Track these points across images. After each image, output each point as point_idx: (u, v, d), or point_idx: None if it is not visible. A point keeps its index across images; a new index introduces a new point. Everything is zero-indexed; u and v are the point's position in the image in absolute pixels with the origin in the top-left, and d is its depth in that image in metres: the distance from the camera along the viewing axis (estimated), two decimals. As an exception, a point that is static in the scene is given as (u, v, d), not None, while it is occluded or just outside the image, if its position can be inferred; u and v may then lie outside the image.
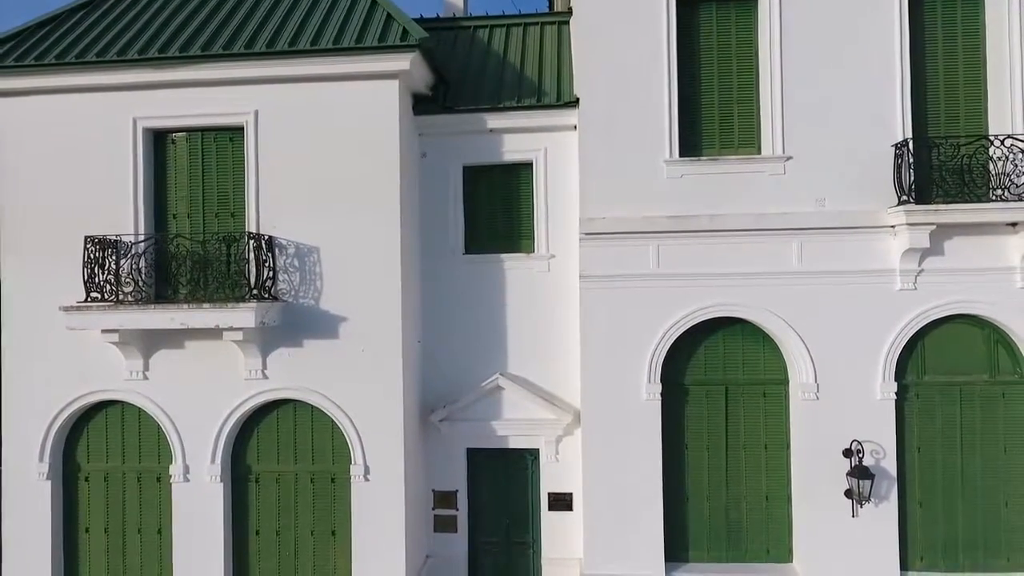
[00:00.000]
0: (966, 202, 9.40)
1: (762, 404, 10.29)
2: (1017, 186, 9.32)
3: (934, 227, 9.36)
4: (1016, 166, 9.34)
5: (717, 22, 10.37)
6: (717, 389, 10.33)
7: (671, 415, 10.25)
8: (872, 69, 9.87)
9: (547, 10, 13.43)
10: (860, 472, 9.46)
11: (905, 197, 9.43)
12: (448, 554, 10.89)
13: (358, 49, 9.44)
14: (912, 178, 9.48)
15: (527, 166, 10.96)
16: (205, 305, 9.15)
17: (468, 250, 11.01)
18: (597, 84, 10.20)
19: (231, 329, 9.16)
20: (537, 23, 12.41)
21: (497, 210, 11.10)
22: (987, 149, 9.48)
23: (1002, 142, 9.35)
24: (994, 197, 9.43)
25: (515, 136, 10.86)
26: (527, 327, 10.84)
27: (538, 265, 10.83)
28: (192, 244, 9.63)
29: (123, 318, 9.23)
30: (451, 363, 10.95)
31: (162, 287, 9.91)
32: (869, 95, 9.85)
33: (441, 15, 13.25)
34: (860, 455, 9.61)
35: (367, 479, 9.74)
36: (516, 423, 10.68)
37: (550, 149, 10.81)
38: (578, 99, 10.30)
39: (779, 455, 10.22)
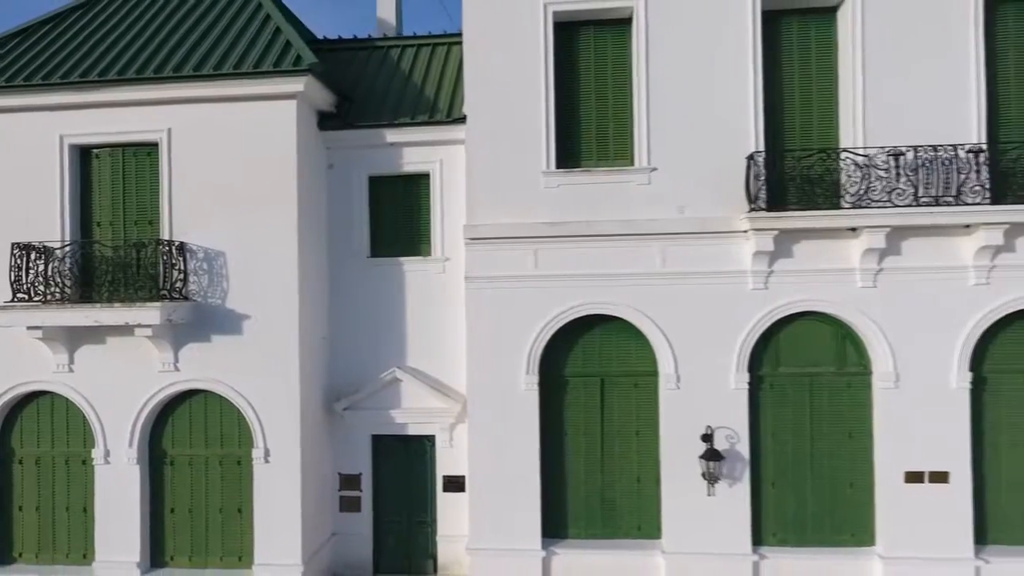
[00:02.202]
0: (809, 209, 10.33)
1: (634, 394, 11.23)
2: (852, 194, 10.23)
3: (777, 232, 10.28)
4: (849, 176, 10.24)
5: (594, 43, 11.32)
6: (593, 380, 11.27)
7: (551, 404, 11.22)
8: (729, 86, 10.77)
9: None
10: (711, 455, 10.41)
11: (753, 205, 10.37)
12: (353, 532, 11.92)
13: (255, 73, 10.46)
14: (760, 187, 10.40)
15: (425, 176, 11.95)
16: (116, 304, 10.20)
17: (373, 254, 12.01)
18: (482, 101, 11.15)
19: (140, 326, 10.20)
20: (444, 44, 13.40)
21: (399, 217, 12.10)
22: (825, 161, 10.38)
23: (838, 155, 10.27)
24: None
25: (413, 149, 11.86)
26: (424, 323, 11.84)
27: (434, 267, 11.83)
28: (110, 250, 10.68)
29: (44, 316, 10.28)
30: (356, 357, 11.96)
31: (87, 289, 10.92)
32: (726, 110, 10.75)
33: (374, 34, 14.32)
34: (714, 439, 10.55)
35: (267, 461, 10.76)
36: (413, 412, 11.68)
37: (445, 161, 11.80)
38: (465, 115, 11.28)
39: (649, 440, 11.15)
